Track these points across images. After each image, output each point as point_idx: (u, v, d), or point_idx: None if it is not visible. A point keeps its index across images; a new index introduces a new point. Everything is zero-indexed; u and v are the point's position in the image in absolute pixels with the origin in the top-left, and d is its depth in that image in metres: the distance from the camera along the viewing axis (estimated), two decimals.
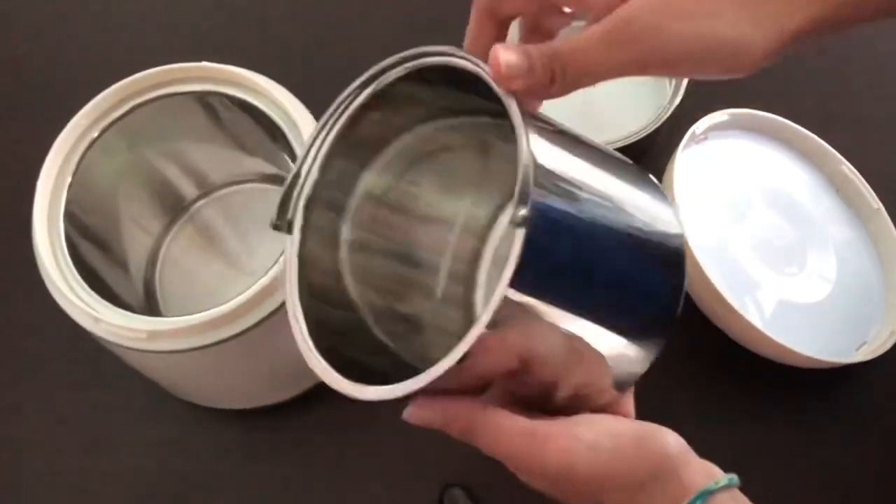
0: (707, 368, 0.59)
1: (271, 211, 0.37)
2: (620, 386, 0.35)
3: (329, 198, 0.38)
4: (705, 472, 0.33)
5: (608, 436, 0.33)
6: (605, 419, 0.34)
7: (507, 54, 0.30)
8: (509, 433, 0.33)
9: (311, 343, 0.35)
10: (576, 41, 0.31)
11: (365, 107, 0.36)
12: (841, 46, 0.73)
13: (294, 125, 0.52)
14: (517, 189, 0.28)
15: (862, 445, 0.58)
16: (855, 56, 0.73)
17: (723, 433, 0.58)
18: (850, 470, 0.57)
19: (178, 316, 0.48)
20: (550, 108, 0.34)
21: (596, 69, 0.31)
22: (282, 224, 0.37)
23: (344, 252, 0.40)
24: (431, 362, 0.30)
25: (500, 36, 0.35)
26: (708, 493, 0.32)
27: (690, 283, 0.56)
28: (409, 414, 0.33)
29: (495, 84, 0.31)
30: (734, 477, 0.33)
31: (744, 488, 0.36)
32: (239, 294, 0.47)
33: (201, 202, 0.66)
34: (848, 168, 0.63)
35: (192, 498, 0.58)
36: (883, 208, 0.62)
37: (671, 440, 0.34)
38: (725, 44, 0.31)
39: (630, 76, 0.32)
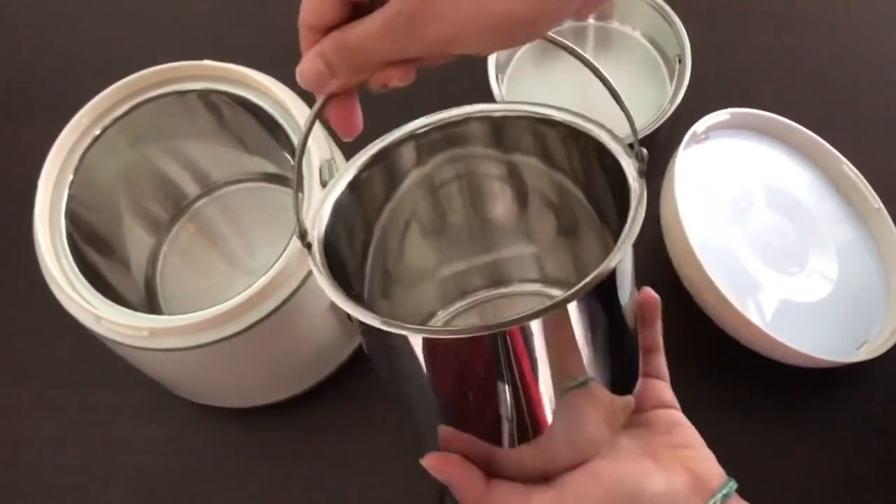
0: (708, 367, 0.59)
1: (272, 209, 0.37)
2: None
3: None
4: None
5: (596, 485, 0.36)
6: (604, 469, 0.36)
7: (303, 66, 0.32)
8: None
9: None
10: (360, 35, 0.31)
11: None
12: (842, 46, 0.73)
13: (296, 124, 0.52)
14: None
15: (863, 444, 0.58)
16: (855, 56, 0.73)
17: (723, 432, 0.58)
18: (852, 469, 0.57)
19: (179, 314, 0.48)
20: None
21: (382, 59, 0.31)
22: None
23: None
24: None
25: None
26: None
27: (691, 283, 0.56)
28: (426, 460, 0.39)
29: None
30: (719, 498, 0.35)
31: (744, 487, 0.36)
32: (240, 292, 0.47)
33: (203, 200, 0.66)
34: (848, 167, 0.63)
35: (192, 496, 0.58)
36: (883, 208, 0.62)
37: (654, 480, 0.36)
38: (512, 17, 0.29)
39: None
